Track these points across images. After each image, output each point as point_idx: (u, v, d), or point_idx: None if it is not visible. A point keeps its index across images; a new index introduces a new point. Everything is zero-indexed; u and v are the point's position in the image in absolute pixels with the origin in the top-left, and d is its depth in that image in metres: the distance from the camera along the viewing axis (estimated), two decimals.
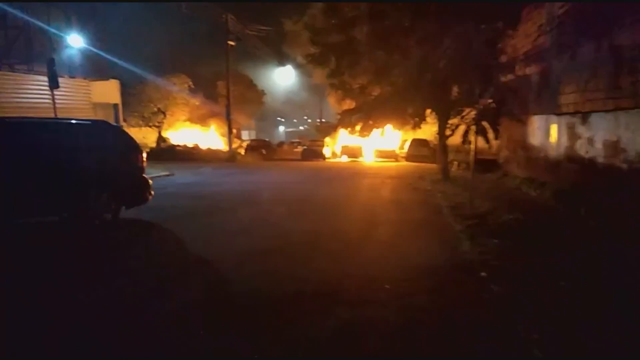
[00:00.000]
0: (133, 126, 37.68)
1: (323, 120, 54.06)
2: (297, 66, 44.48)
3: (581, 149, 10.64)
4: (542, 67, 12.73)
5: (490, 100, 11.34)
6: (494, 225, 8.86)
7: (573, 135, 11.02)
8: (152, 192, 9.49)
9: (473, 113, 11.66)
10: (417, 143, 31.13)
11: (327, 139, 39.23)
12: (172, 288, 5.51)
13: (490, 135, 13.17)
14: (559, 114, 11.69)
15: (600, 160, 9.78)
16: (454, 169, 21.05)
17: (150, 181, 9.46)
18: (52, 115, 16.02)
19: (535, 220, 9.52)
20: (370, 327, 4.48)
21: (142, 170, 9.21)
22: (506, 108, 12.64)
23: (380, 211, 11.22)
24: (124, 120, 35.74)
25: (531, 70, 13.69)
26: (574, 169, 11.05)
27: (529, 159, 14.67)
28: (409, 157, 31.35)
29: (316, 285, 5.62)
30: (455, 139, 18.77)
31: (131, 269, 6.30)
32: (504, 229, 8.50)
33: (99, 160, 8.47)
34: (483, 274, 6.12)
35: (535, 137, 13.87)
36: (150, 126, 38.45)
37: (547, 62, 12.32)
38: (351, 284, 5.67)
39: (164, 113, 38.25)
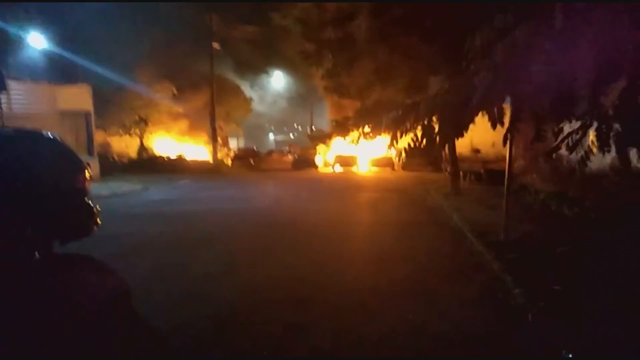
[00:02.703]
0: (113, 135, 35.42)
1: (314, 127, 51.91)
2: (287, 70, 42.38)
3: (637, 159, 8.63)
4: None
5: None
6: (544, 261, 6.81)
7: None
8: (99, 221, 7.33)
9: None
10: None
11: (319, 147, 37.18)
12: None
13: None
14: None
15: None
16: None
17: (96, 207, 7.30)
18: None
19: (594, 252, 7.42)
20: None
21: (83, 192, 7.05)
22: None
23: (388, 239, 9.10)
24: (103, 129, 33.51)
25: None
26: (625, 185, 9.06)
27: (555, 170, 12.69)
28: (405, 166, 29.41)
29: None
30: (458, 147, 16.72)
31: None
32: (560, 268, 6.45)
33: (22, 181, 6.30)
34: (569, 355, 4.05)
35: (564, 145, 11.85)
36: (131, 135, 36.22)
37: None
38: None
39: (145, 121, 35.99)
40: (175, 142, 39.00)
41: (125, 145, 36.54)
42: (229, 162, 34.44)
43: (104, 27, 25.84)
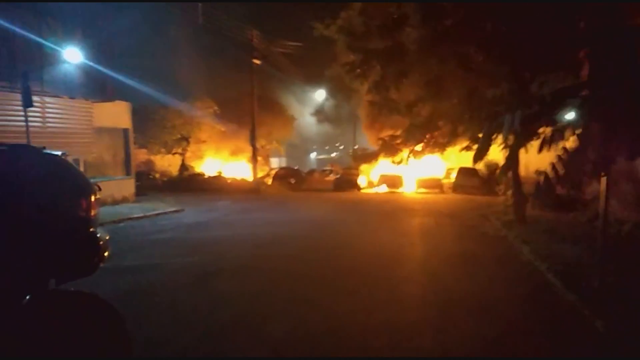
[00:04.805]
0: (155, 154, 35.30)
1: (357, 146, 50.43)
2: (330, 87, 41.38)
3: None
4: None
5: None
6: None
7: None
8: (107, 254, 6.16)
9: None
10: (466, 172, 27.38)
11: (362, 167, 35.71)
12: None
13: None
14: None
15: None
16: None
17: (104, 238, 6.13)
18: (30, 140, 13.22)
19: None
20: None
21: (88, 222, 5.88)
22: None
23: (451, 279, 7.55)
24: (145, 147, 33.38)
25: None
26: None
27: None
28: (456, 188, 27.57)
29: None
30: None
31: None
32: None
33: (9, 210, 5.22)
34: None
35: None
36: (173, 154, 35.95)
37: None
38: None
39: (187, 140, 35.65)
40: (217, 160, 38.56)
41: (167, 163, 36.35)
42: (269, 181, 33.51)
43: (144, 43, 25.62)
